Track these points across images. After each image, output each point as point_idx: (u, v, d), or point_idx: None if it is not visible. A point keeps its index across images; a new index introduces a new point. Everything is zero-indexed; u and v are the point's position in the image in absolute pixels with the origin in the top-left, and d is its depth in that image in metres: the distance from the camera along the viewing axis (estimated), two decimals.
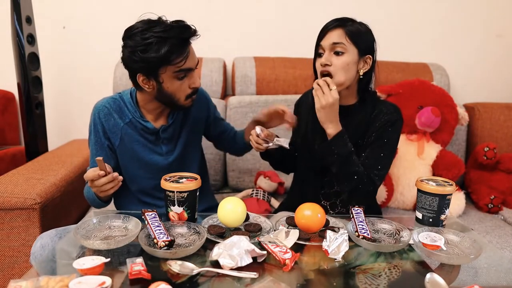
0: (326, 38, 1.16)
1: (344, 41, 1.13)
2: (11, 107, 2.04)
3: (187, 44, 1.09)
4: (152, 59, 1.04)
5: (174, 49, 1.05)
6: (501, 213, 1.69)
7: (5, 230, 1.26)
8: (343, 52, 1.14)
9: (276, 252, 0.83)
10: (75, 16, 2.03)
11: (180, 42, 1.06)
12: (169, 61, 1.06)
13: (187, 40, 1.08)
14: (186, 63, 1.08)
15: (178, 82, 1.11)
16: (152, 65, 1.06)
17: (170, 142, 1.25)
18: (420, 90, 1.77)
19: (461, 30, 2.17)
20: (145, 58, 1.04)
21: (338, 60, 1.14)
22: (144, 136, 1.21)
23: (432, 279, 0.76)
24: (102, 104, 1.21)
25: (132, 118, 1.20)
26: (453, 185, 1.04)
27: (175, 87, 1.11)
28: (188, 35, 1.08)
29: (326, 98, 1.11)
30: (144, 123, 1.20)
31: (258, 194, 1.67)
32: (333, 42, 1.14)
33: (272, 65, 1.94)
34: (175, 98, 1.13)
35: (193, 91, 1.15)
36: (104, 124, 1.19)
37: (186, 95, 1.14)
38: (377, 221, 1.03)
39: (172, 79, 1.09)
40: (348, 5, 2.06)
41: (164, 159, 1.24)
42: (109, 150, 1.22)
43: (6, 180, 1.35)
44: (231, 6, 2.06)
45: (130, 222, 0.96)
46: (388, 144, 1.20)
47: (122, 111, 1.21)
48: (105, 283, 0.68)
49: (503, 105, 2.00)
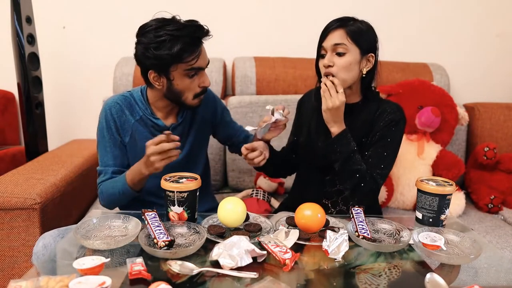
0: (327, 39, 1.16)
1: (345, 41, 1.14)
2: (11, 107, 2.04)
3: (199, 43, 1.11)
4: (164, 56, 1.06)
5: (187, 47, 1.07)
6: (501, 213, 1.69)
7: (5, 230, 1.26)
8: (344, 52, 1.14)
9: (276, 252, 0.83)
10: (75, 16, 2.03)
11: (193, 41, 1.08)
12: (181, 59, 1.08)
13: (199, 39, 1.11)
14: (198, 62, 1.11)
15: (188, 80, 1.12)
16: (164, 62, 1.08)
17: (178, 141, 1.26)
18: (420, 90, 1.77)
19: (461, 30, 2.17)
20: (157, 55, 1.07)
21: (340, 61, 1.14)
22: (154, 134, 1.21)
23: (432, 279, 0.76)
24: (114, 101, 1.21)
25: (142, 115, 1.21)
26: (453, 185, 1.04)
27: (185, 85, 1.13)
28: (200, 35, 1.10)
29: (333, 100, 1.12)
30: (155, 120, 1.21)
31: (258, 194, 1.67)
32: (335, 43, 1.14)
33: (272, 65, 1.94)
34: (183, 96, 1.15)
35: (202, 91, 1.16)
36: (116, 120, 1.20)
37: (195, 94, 1.15)
38: (377, 221, 1.03)
39: (183, 77, 1.11)
40: (348, 5, 2.06)
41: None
42: (122, 146, 1.22)
43: (6, 180, 1.35)
44: (231, 6, 2.06)
45: (130, 222, 0.96)
46: (391, 144, 1.21)
47: (133, 108, 1.21)
48: (105, 283, 0.68)
49: (503, 105, 2.00)
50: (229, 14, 2.06)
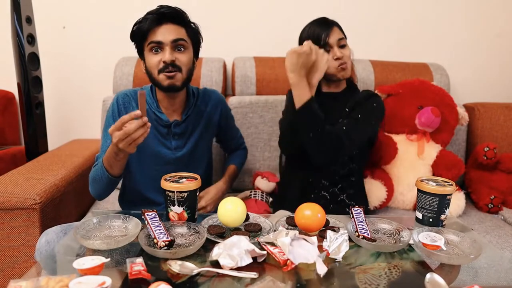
0: (332, 36, 1.29)
1: (342, 35, 1.32)
2: (11, 107, 2.04)
3: (163, 20, 1.14)
4: (135, 34, 1.17)
5: (151, 24, 1.14)
6: (501, 213, 1.69)
7: (5, 230, 1.26)
8: (345, 45, 1.32)
9: (275, 253, 0.83)
10: (75, 16, 2.03)
11: (157, 17, 1.13)
12: (147, 35, 1.15)
13: (164, 16, 1.14)
14: (158, 36, 1.13)
15: (153, 56, 1.16)
16: (137, 42, 1.18)
17: (180, 138, 1.27)
18: (420, 90, 1.77)
19: (461, 30, 2.17)
20: (132, 36, 1.18)
21: (346, 52, 1.31)
22: (156, 128, 1.24)
23: (432, 279, 0.76)
24: (124, 93, 1.26)
25: (148, 108, 1.22)
26: (453, 185, 1.04)
27: (151, 62, 1.16)
28: (166, 10, 1.14)
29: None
30: (159, 114, 1.23)
31: (256, 195, 1.66)
32: (339, 38, 1.30)
33: (272, 65, 1.94)
34: (153, 74, 1.17)
35: (164, 66, 1.14)
36: (123, 110, 1.23)
37: (158, 70, 1.16)
38: (377, 221, 1.03)
39: (149, 53, 1.16)
40: (349, 5, 2.05)
41: (172, 153, 1.26)
42: None
43: (6, 180, 1.35)
44: (231, 6, 2.06)
45: (130, 222, 0.96)
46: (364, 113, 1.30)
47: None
48: (105, 283, 0.68)
49: (503, 105, 2.00)
50: (229, 14, 2.06)
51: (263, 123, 1.83)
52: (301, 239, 0.86)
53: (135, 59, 1.89)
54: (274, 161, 1.83)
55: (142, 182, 1.29)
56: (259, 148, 1.83)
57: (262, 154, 1.83)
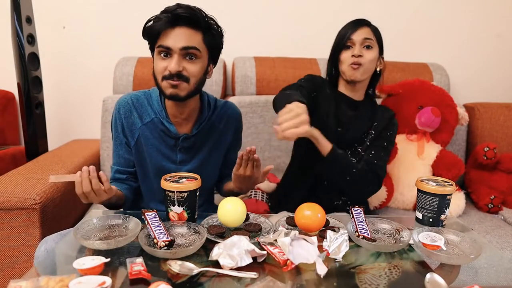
0: (358, 33, 1.28)
1: (372, 37, 1.29)
2: (11, 107, 2.04)
3: (178, 22, 1.03)
4: (146, 32, 1.07)
5: (164, 25, 1.03)
6: (501, 213, 1.69)
7: (5, 230, 1.26)
8: (371, 47, 1.29)
9: (275, 253, 0.83)
10: (75, 16, 2.03)
11: (172, 18, 1.03)
12: (158, 36, 1.05)
13: (178, 17, 1.03)
14: (168, 41, 1.03)
15: (160, 62, 1.06)
16: (148, 41, 1.09)
17: (187, 153, 1.19)
18: (420, 90, 1.77)
19: (461, 30, 2.17)
20: (143, 34, 1.08)
21: (369, 53, 1.28)
22: (162, 139, 1.16)
23: (432, 279, 0.76)
24: (125, 100, 1.16)
25: (155, 117, 1.15)
26: (453, 185, 1.04)
27: (157, 67, 1.06)
28: (182, 12, 1.03)
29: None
30: (168, 124, 1.14)
31: (256, 195, 1.66)
32: (365, 37, 1.28)
33: (272, 65, 1.94)
34: (157, 80, 1.08)
35: (169, 74, 1.04)
36: (124, 120, 1.16)
37: (163, 76, 1.05)
38: (377, 221, 1.03)
39: (157, 56, 1.07)
40: (349, 5, 2.05)
41: (176, 167, 1.18)
42: (128, 147, 1.19)
43: (6, 180, 1.35)
44: (231, 6, 2.06)
45: (130, 222, 0.96)
46: (388, 139, 1.35)
47: (143, 109, 1.16)
48: (105, 283, 0.68)
49: (503, 105, 2.00)
50: (229, 14, 2.06)
51: (263, 123, 1.83)
52: (301, 239, 0.86)
53: (135, 59, 1.89)
54: (274, 161, 1.83)
55: (144, 193, 1.25)
56: (259, 148, 1.83)
57: (262, 154, 1.83)
